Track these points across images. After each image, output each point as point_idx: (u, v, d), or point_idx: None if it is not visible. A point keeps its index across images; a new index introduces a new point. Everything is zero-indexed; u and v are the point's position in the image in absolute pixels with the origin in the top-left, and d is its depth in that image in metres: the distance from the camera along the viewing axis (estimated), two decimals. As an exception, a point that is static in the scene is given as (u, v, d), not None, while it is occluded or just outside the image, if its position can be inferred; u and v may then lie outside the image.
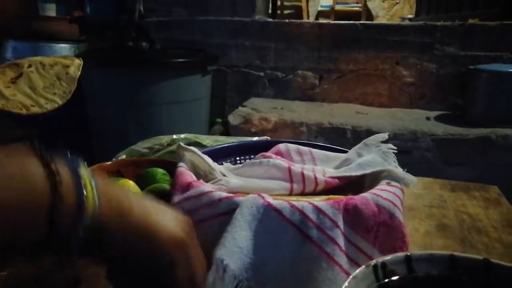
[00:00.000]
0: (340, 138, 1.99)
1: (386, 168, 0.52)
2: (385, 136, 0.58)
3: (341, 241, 0.45)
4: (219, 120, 2.25)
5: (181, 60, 1.83)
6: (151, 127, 1.81)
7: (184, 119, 1.88)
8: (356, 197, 0.45)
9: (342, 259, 0.45)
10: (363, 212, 0.44)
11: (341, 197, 0.47)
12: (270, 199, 0.43)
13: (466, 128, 1.85)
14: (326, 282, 0.42)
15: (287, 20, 2.33)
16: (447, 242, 0.60)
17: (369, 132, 2.03)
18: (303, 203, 0.43)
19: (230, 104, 2.35)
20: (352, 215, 0.43)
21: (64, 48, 1.99)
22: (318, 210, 0.43)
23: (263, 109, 2.08)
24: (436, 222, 0.67)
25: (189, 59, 1.87)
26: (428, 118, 2.03)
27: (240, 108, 2.11)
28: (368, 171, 0.52)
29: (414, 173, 0.52)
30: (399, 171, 0.52)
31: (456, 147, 1.82)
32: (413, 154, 1.85)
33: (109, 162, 0.66)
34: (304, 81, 2.32)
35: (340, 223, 0.43)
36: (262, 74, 2.33)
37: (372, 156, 0.54)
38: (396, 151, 0.56)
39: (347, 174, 0.53)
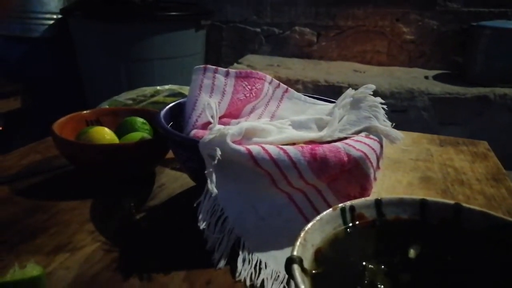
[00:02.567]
0: (336, 96, 1.96)
1: (370, 125, 0.50)
2: (372, 87, 0.55)
3: (307, 189, 0.44)
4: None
5: (173, 13, 1.77)
6: (143, 82, 1.77)
7: (178, 75, 1.84)
8: (326, 145, 0.44)
9: (309, 210, 0.45)
10: (330, 161, 0.42)
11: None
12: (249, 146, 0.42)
13: (464, 87, 1.81)
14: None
15: (284, -27, 2.24)
16: (429, 193, 0.60)
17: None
18: (275, 148, 0.42)
19: (225, 61, 2.30)
20: (319, 162, 0.42)
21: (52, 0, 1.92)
22: (289, 158, 0.42)
23: (259, 66, 2.03)
24: (420, 175, 0.66)
25: (182, 13, 1.81)
26: (426, 77, 1.99)
27: (235, 65, 2.06)
28: (350, 131, 0.50)
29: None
30: (385, 127, 0.50)
31: (453, 106, 1.79)
32: (409, 113, 1.82)
33: (87, 111, 0.64)
34: (301, 37, 2.26)
35: (306, 171, 0.42)
36: (258, 30, 2.27)
37: (356, 113, 0.52)
38: (384, 105, 0.54)
39: (329, 139, 0.50)
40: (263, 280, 0.39)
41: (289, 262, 0.28)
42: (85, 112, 0.65)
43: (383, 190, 0.60)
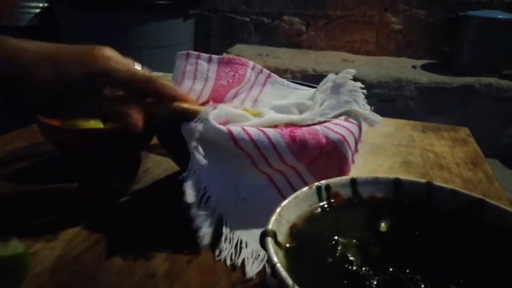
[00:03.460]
0: (325, 86, 1.97)
1: (349, 108, 0.51)
2: (352, 71, 0.56)
3: (287, 171, 0.45)
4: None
5: (161, 2, 1.76)
6: (131, 72, 1.77)
7: (165, 65, 1.82)
8: (305, 128, 0.45)
9: (288, 192, 0.46)
10: (309, 143, 0.43)
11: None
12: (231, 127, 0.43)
13: (451, 77, 1.84)
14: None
15: (273, -38, 2.23)
16: (409, 176, 0.61)
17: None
18: (255, 130, 0.43)
19: (214, 51, 2.29)
20: (298, 144, 0.43)
21: (39, -12, 1.89)
22: (268, 139, 0.43)
23: (248, 55, 2.04)
24: (401, 159, 0.67)
25: (170, 2, 1.79)
26: (414, 67, 2.01)
27: (224, 54, 2.06)
28: (330, 115, 0.51)
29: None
30: (364, 111, 0.51)
31: (439, 95, 1.82)
32: (396, 103, 1.84)
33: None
34: (290, 27, 2.26)
35: (285, 152, 0.43)
36: (247, 19, 2.26)
37: (336, 98, 0.52)
38: (364, 90, 0.55)
39: (310, 122, 0.51)
40: (243, 260, 0.41)
41: (263, 235, 0.29)
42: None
43: (364, 173, 0.61)
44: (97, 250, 0.41)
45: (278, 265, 0.25)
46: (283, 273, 0.24)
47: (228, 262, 0.40)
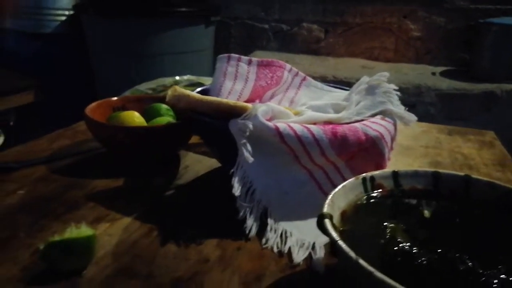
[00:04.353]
0: (344, 92, 1.99)
1: (385, 108, 0.53)
2: (386, 74, 0.59)
3: (327, 166, 0.48)
4: (223, 73, 2.23)
5: (184, 9, 1.81)
6: (153, 77, 1.81)
7: (187, 70, 1.86)
8: (345, 125, 0.48)
9: (328, 187, 0.49)
10: (349, 139, 0.46)
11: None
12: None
13: (471, 83, 1.84)
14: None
15: (293, -30, 2.27)
16: (439, 176, 0.63)
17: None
18: (299, 126, 0.45)
19: (234, 57, 2.33)
20: (340, 140, 0.46)
21: (66, -3, 1.96)
22: (312, 135, 0.45)
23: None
24: (430, 160, 0.69)
25: (192, 9, 1.84)
26: (433, 73, 2.02)
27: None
28: (366, 114, 0.53)
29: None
30: (399, 110, 0.53)
31: (460, 102, 1.82)
32: (417, 108, 1.85)
33: (115, 98, 0.68)
34: (309, 34, 2.29)
35: (327, 148, 0.45)
36: (266, 26, 2.30)
37: (371, 99, 0.55)
38: (398, 91, 0.57)
39: (347, 121, 0.53)
40: (289, 248, 0.43)
41: (321, 217, 0.31)
42: (112, 99, 0.68)
43: (395, 172, 0.63)
44: (152, 237, 0.44)
45: (340, 241, 0.28)
46: (346, 248, 0.27)
47: (275, 250, 0.43)
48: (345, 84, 1.93)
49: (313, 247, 0.43)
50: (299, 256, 0.42)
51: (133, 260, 0.41)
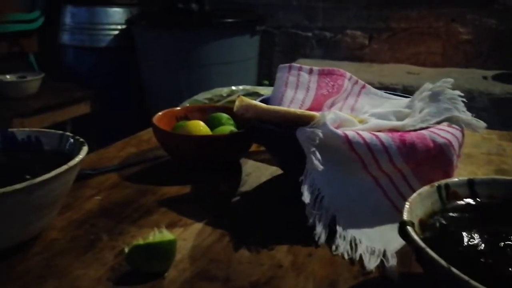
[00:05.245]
0: (390, 98, 1.96)
1: (451, 115, 0.52)
2: (451, 80, 0.58)
3: (393, 174, 0.48)
4: (266, 81, 2.26)
5: (230, 20, 1.85)
6: (201, 87, 1.85)
7: (233, 80, 1.91)
8: (413, 133, 0.47)
9: (394, 194, 0.49)
10: (417, 146, 0.46)
11: None
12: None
13: (527, 87, 1.76)
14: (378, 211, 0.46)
15: (336, -22, 2.27)
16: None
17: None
18: (368, 133, 0.46)
19: (277, 65, 2.34)
20: (408, 147, 0.46)
21: (117, 12, 2.05)
22: (381, 142, 0.46)
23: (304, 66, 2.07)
24: (495, 168, 0.67)
25: (238, 20, 1.88)
26: (485, 77, 1.95)
27: (280, 65, 2.11)
28: (431, 121, 0.52)
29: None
30: (466, 117, 0.52)
31: (514, 106, 1.75)
32: (467, 114, 1.79)
33: (178, 108, 0.72)
34: (353, 41, 2.27)
35: (396, 155, 0.46)
36: (310, 34, 2.31)
37: (436, 106, 0.54)
38: (463, 98, 0.56)
39: (411, 128, 0.53)
40: (360, 255, 0.43)
41: (403, 224, 0.32)
42: (175, 109, 0.72)
43: (460, 180, 0.62)
44: (224, 242, 0.46)
45: (428, 249, 0.28)
46: (435, 255, 0.27)
47: (346, 257, 0.43)
48: (391, 90, 1.90)
49: (384, 255, 0.43)
50: (371, 264, 0.42)
51: (209, 264, 0.42)
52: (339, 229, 0.46)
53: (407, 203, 0.35)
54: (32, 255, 0.44)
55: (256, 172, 0.64)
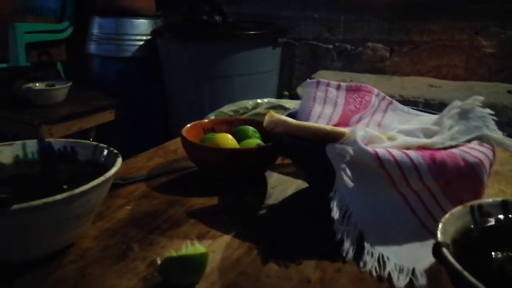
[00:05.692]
0: (412, 111, 1.94)
1: (482, 133, 0.52)
2: (481, 98, 0.58)
3: (422, 192, 0.48)
4: (286, 93, 2.27)
5: (253, 32, 1.88)
6: (224, 98, 1.88)
7: (255, 91, 1.93)
8: (443, 151, 0.47)
9: (422, 212, 0.48)
10: (448, 165, 0.46)
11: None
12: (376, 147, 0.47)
13: (553, 102, 1.72)
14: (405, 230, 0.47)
15: (358, -10, 2.27)
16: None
17: (443, 105, 1.96)
18: (398, 151, 0.46)
19: (298, 77, 2.37)
20: (438, 165, 0.46)
21: (143, 23, 2.10)
22: (410, 160, 0.46)
23: (332, 81, 2.07)
24: (523, 186, 0.66)
25: (261, 32, 1.91)
26: (510, 92, 1.91)
27: (308, 80, 2.12)
28: (461, 140, 0.52)
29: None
30: (497, 135, 0.52)
31: (540, 122, 1.71)
32: (491, 129, 1.76)
33: (206, 120, 0.73)
34: (374, 53, 2.27)
35: (426, 173, 0.46)
36: (330, 46, 2.32)
37: (466, 123, 0.54)
38: (494, 116, 0.56)
39: (440, 146, 0.52)
40: (389, 272, 0.43)
41: (438, 245, 0.32)
42: (202, 121, 0.73)
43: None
44: (253, 255, 0.47)
45: (465, 272, 0.28)
46: (474, 280, 0.27)
47: (374, 274, 0.44)
48: (412, 103, 1.89)
49: (413, 273, 0.43)
50: (400, 282, 0.42)
51: (238, 277, 0.43)
52: (367, 245, 0.46)
53: (440, 223, 0.35)
54: (67, 264, 0.45)
55: (282, 185, 0.65)
